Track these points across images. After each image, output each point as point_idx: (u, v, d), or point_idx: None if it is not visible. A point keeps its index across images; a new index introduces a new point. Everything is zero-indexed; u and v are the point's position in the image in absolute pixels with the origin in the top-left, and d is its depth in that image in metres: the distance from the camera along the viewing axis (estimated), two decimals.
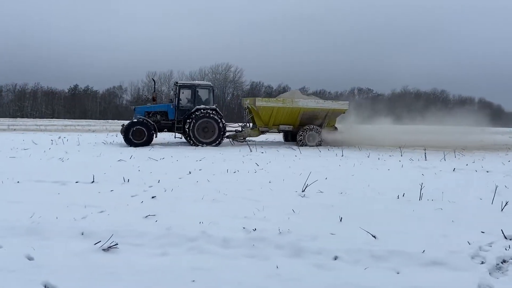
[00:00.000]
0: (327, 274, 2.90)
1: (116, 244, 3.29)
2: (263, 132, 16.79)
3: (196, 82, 16.03)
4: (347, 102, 17.42)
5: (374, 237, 3.62)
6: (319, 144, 16.10)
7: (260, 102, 16.31)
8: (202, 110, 14.97)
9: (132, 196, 5.27)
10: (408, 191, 5.79)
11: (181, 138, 15.79)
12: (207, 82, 16.10)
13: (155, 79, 16.15)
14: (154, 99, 16.64)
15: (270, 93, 79.94)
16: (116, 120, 16.15)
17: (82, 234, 3.59)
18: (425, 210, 4.87)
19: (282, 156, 11.44)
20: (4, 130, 23.94)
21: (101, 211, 4.43)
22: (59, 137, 17.10)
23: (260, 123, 16.44)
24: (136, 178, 6.67)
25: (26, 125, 30.50)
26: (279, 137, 18.66)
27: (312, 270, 2.96)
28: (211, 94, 15.93)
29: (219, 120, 15.00)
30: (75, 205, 4.63)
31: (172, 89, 15.79)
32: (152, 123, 15.04)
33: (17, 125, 29.99)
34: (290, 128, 16.68)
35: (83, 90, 72.05)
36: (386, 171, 8.51)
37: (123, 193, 5.48)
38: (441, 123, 19.61)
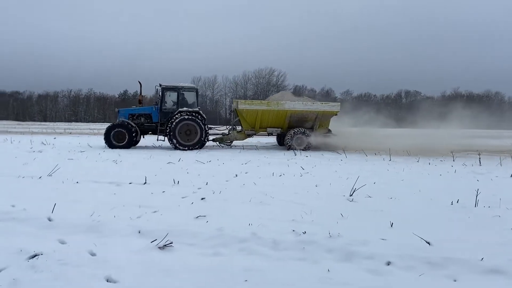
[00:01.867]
0: (380, 279, 2.86)
1: (171, 243, 3.42)
2: (249, 135, 16.38)
3: (180, 84, 15.31)
4: (339, 103, 16.46)
5: (428, 243, 3.51)
6: (308, 148, 15.53)
7: (243, 105, 15.83)
8: (184, 113, 14.75)
9: (182, 198, 5.44)
10: (462, 197, 5.56)
11: (163, 140, 15.56)
12: (191, 85, 15.66)
13: (141, 81, 15.89)
14: (140, 102, 16.46)
15: (313, 97, 79.32)
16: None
17: (139, 232, 3.77)
18: (482, 217, 4.65)
19: (327, 160, 11.31)
20: (61, 133, 25.50)
21: (155, 211, 4.61)
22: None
23: (247, 126, 16.03)
24: (185, 180, 6.87)
25: (80, 129, 32.32)
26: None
27: (365, 275, 2.92)
28: (196, 96, 15.55)
29: (201, 123, 14.73)
30: (130, 205, 4.85)
31: (156, 91, 15.56)
32: (134, 125, 14.92)
33: (72, 129, 31.84)
34: (279, 131, 16.19)
35: (132, 95, 75.19)
36: (438, 176, 8.19)
37: (174, 194, 5.67)
38: (495, 126, 18.45)
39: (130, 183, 6.47)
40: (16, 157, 10.09)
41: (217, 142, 16.47)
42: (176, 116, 14.62)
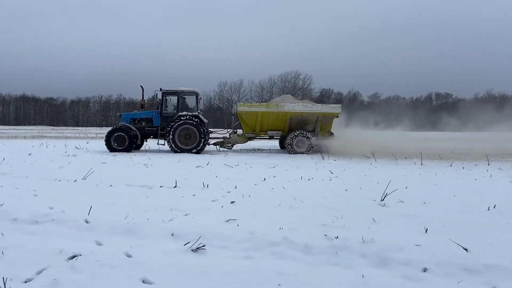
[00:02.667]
0: (417, 285, 2.79)
1: (204, 246, 3.47)
2: (250, 139, 16.19)
3: (180, 88, 15.38)
4: (339, 105, 16.06)
5: (466, 249, 3.41)
6: (309, 150, 15.24)
7: (243, 107, 15.68)
8: (183, 117, 14.79)
9: (212, 201, 5.49)
10: (499, 203, 5.37)
11: (163, 144, 15.58)
12: (192, 89, 15.58)
13: (143, 86, 16.01)
14: (142, 106, 16.56)
15: (340, 100, 78.49)
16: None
17: (172, 235, 3.83)
18: None
19: (357, 164, 11.16)
20: (93, 138, 26.31)
21: (186, 214, 4.68)
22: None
23: (247, 129, 15.91)
24: (215, 184, 6.94)
25: None
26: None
27: (401, 281, 2.86)
28: (196, 100, 15.56)
29: (200, 127, 14.71)
30: (163, 208, 4.94)
31: (155, 95, 15.71)
32: (135, 129, 15.15)
33: (103, 133, 32.68)
34: (279, 134, 15.94)
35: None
36: (473, 181, 7.93)
37: (204, 197, 5.73)
38: None
39: (161, 187, 6.59)
40: (52, 161, 10.48)
41: (218, 146, 16.45)
42: (176, 120, 14.76)
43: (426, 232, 3.99)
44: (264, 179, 7.72)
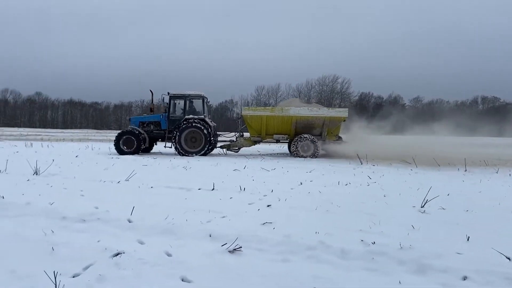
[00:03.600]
0: None
1: (240, 247, 3.54)
2: (256, 142, 16.05)
3: (187, 92, 15.66)
4: (346, 109, 15.61)
5: (509, 258, 3.27)
6: (315, 155, 14.88)
7: (247, 111, 15.63)
8: (189, 120, 14.95)
9: (249, 204, 5.57)
10: None
11: (170, 147, 15.72)
12: (199, 92, 15.81)
13: (152, 90, 16.34)
14: (151, 110, 16.86)
15: (380, 104, 76.75)
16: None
17: (210, 236, 3.94)
18: None
19: (396, 170, 10.90)
20: None
21: (223, 216, 4.78)
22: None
23: (253, 133, 15.83)
24: (251, 187, 7.02)
25: None
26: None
27: None
28: (203, 104, 15.72)
29: (206, 130, 14.79)
30: (201, 210, 5.07)
31: (162, 99, 15.94)
32: (143, 132, 15.49)
33: None
34: (286, 138, 15.72)
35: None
36: None
37: (241, 200, 5.82)
38: None
39: (199, 189, 6.75)
40: (97, 163, 10.98)
41: (224, 149, 16.52)
42: (182, 123, 15.02)
43: (468, 240, 3.86)
44: (301, 183, 7.72)
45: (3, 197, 5.43)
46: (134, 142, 15.27)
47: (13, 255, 3.34)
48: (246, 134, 16.64)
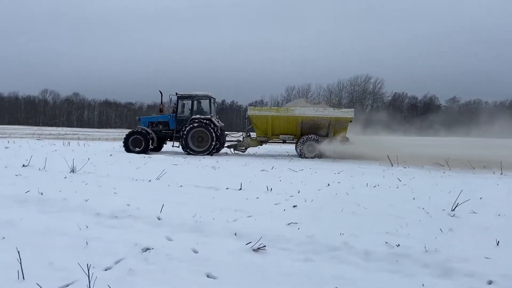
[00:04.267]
0: None
1: (264, 246, 3.61)
2: (262, 142, 16.01)
3: (194, 92, 15.93)
4: (352, 109, 15.36)
5: None
6: (319, 156, 14.77)
7: (253, 111, 15.58)
8: (196, 120, 15.15)
9: (275, 204, 5.63)
10: None
11: (178, 147, 15.87)
12: (205, 93, 16.02)
13: (161, 91, 16.67)
14: (161, 110, 17.10)
15: (414, 104, 74.88)
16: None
17: (235, 234, 4.03)
18: None
19: (428, 172, 10.65)
20: (169, 140, 27.75)
21: (249, 216, 4.86)
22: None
23: (259, 133, 15.82)
24: (278, 188, 7.07)
25: None
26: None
27: None
28: (210, 104, 15.86)
29: (212, 130, 14.95)
30: (227, 209, 5.18)
31: (170, 99, 16.26)
32: (151, 132, 15.82)
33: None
34: (292, 138, 15.59)
35: (229, 104, 79.08)
36: None
37: (267, 201, 5.89)
38: None
39: (227, 189, 6.87)
40: (129, 162, 11.34)
41: (232, 149, 16.62)
42: (189, 123, 15.27)
43: (497, 244, 3.77)
44: (328, 185, 7.70)
45: (42, 194, 5.74)
46: (142, 142, 15.70)
47: (51, 248, 3.55)
48: (254, 134, 16.76)
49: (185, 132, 15.22)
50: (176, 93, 16.03)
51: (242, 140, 16.59)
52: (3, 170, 8.63)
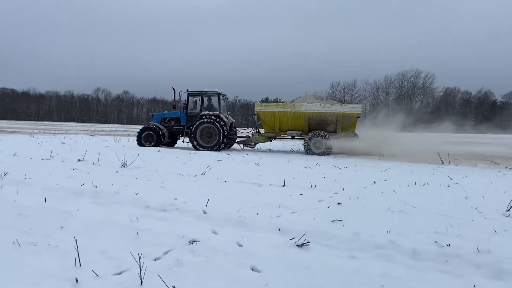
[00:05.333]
0: None
1: (308, 242, 3.61)
2: (270, 138, 15.98)
3: (204, 89, 16.22)
4: (360, 105, 14.95)
5: None
6: (327, 152, 14.50)
7: (260, 107, 15.61)
8: (204, 116, 15.46)
9: (319, 201, 5.59)
10: None
11: (188, 142, 16.11)
12: (215, 90, 16.26)
13: (174, 88, 16.65)
14: (174, 107, 17.27)
15: (468, 100, 71.19)
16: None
17: (279, 230, 4.05)
18: None
19: (482, 170, 10.13)
20: None
21: (293, 212, 4.87)
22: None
23: (267, 129, 15.87)
24: (322, 185, 7.01)
25: None
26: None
27: None
28: (219, 100, 16.11)
29: (219, 126, 15.21)
30: (271, 205, 5.21)
31: (180, 96, 16.35)
32: (163, 128, 16.39)
33: None
34: (300, 134, 15.46)
35: (272, 101, 79.10)
36: None
37: (311, 197, 5.86)
38: None
39: (270, 185, 6.90)
40: (176, 158, 11.68)
41: (241, 145, 16.78)
42: (198, 119, 15.65)
43: None
44: (374, 182, 7.53)
45: (96, 187, 6.06)
46: (154, 137, 16.39)
47: (104, 237, 3.75)
48: (262, 131, 16.84)
49: (194, 128, 15.69)
50: (187, 90, 16.48)
51: (251, 136, 16.86)
52: (61, 164, 9.18)
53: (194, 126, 15.67)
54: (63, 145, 15.65)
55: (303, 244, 3.59)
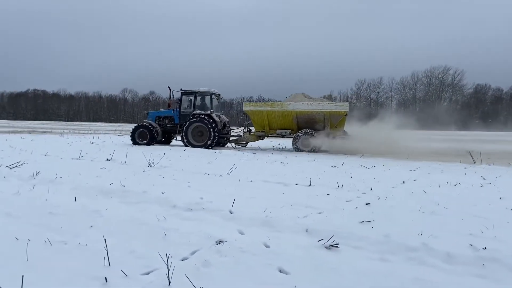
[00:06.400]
0: None
1: (337, 244, 3.53)
2: (260, 137, 16.10)
3: (197, 89, 16.62)
4: (347, 103, 15.01)
5: None
6: (315, 150, 14.68)
7: (248, 107, 15.83)
8: (196, 115, 15.79)
9: (346, 201, 5.49)
10: None
11: (181, 140, 16.33)
12: (207, 89, 16.68)
13: (170, 86, 17.01)
14: (169, 105, 17.50)
15: (499, 97, 68.75)
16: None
17: (307, 231, 3.99)
18: None
19: None
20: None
21: (320, 212, 4.79)
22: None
23: (257, 128, 16.04)
24: (349, 184, 6.89)
25: None
26: None
27: None
28: (211, 100, 16.41)
29: (210, 125, 15.49)
30: (297, 204, 5.15)
31: (173, 95, 16.82)
32: (156, 126, 16.68)
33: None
34: (289, 133, 15.59)
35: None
36: None
37: (338, 197, 5.76)
38: None
39: (296, 184, 6.83)
40: (202, 157, 11.76)
41: (233, 144, 17.08)
42: (189, 118, 16.02)
43: None
44: (403, 182, 7.34)
45: (124, 186, 6.15)
46: (147, 135, 16.75)
47: (132, 237, 3.78)
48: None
49: (185, 126, 16.12)
50: (181, 89, 16.84)
51: (242, 135, 17.13)
52: (90, 163, 9.40)
53: (186, 125, 16.17)
54: (92, 145, 16.04)
55: (331, 245, 3.52)
